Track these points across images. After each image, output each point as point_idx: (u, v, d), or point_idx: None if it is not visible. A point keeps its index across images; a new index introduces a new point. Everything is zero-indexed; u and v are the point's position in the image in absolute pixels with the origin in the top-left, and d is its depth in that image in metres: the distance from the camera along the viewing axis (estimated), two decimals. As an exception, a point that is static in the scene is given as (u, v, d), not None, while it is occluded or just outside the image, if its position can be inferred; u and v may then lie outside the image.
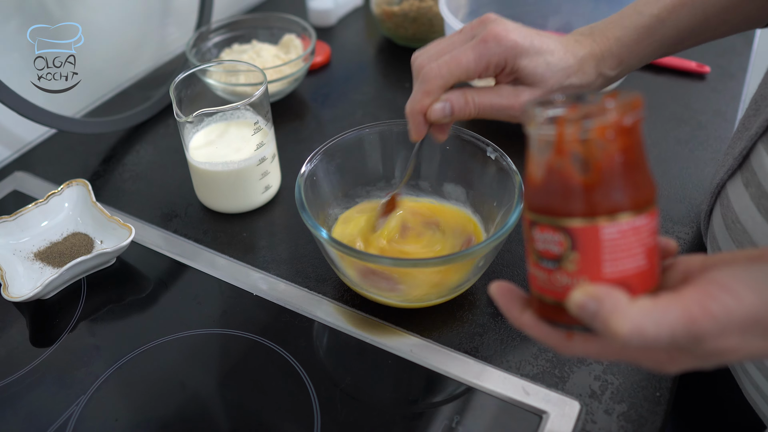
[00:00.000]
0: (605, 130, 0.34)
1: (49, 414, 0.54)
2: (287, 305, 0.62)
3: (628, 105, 0.34)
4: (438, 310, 0.61)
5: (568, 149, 0.35)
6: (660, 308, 0.33)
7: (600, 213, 0.35)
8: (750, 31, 1.03)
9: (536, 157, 0.37)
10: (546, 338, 0.38)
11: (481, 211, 0.65)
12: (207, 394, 0.56)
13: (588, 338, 0.37)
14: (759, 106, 0.52)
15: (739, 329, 0.33)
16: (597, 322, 0.34)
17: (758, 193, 0.50)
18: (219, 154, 0.69)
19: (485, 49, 0.52)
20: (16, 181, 0.77)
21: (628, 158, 0.35)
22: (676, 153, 0.80)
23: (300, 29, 0.92)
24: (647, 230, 0.35)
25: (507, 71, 0.54)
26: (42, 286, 0.59)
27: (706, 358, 0.35)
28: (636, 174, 0.35)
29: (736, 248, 0.53)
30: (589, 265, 0.35)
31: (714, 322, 0.32)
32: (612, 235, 0.35)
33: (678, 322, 0.32)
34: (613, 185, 0.35)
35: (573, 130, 0.34)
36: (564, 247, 0.36)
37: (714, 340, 0.33)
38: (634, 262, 0.35)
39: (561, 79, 0.54)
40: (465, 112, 0.54)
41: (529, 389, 0.55)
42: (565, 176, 0.35)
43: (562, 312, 0.37)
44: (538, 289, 0.38)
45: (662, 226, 0.70)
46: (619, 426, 0.53)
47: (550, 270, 0.37)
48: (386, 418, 0.54)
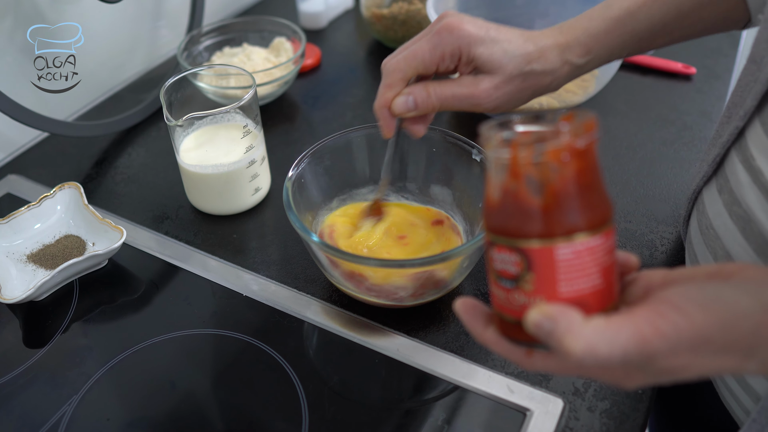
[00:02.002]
0: (559, 153, 0.34)
1: (41, 414, 0.55)
2: (277, 306, 0.63)
3: (582, 127, 0.34)
4: (425, 310, 0.62)
5: (522, 172, 0.35)
6: (612, 328, 0.33)
7: (554, 234, 0.35)
8: (736, 32, 1.04)
9: (493, 178, 0.37)
10: (508, 354, 0.39)
11: (467, 213, 0.66)
12: (198, 394, 0.57)
13: (547, 355, 0.38)
14: (731, 113, 0.52)
15: (689, 348, 0.33)
16: (552, 341, 0.34)
17: (730, 200, 0.51)
18: (209, 157, 0.69)
19: (439, 40, 0.54)
20: (8, 184, 0.78)
21: (582, 180, 0.35)
22: (661, 153, 0.81)
23: (290, 32, 0.93)
24: (603, 249, 0.36)
25: (464, 61, 0.55)
26: (35, 288, 0.60)
27: (659, 375, 0.35)
28: (591, 195, 0.35)
29: (710, 253, 0.54)
30: (544, 285, 0.36)
31: (664, 341, 0.33)
32: (567, 255, 0.35)
33: (629, 342, 0.33)
34: (567, 207, 0.35)
35: (526, 153, 0.34)
36: (520, 267, 0.36)
37: (665, 358, 0.33)
38: (589, 282, 0.36)
39: (520, 64, 0.55)
40: (428, 103, 0.55)
41: (513, 387, 0.56)
42: (520, 198, 0.35)
43: (522, 330, 0.37)
44: (499, 308, 0.38)
45: (647, 225, 0.71)
46: (602, 423, 0.54)
47: (508, 289, 0.37)
48: (373, 416, 0.55)
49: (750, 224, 0.48)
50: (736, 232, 0.49)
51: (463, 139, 0.64)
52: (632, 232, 0.71)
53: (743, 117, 0.50)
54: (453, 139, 0.64)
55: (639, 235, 0.70)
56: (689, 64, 0.95)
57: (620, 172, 0.79)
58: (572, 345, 0.33)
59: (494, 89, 0.55)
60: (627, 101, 0.90)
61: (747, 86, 0.51)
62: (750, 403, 0.52)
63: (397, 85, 0.55)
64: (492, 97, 0.55)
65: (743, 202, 0.49)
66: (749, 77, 0.51)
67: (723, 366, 0.34)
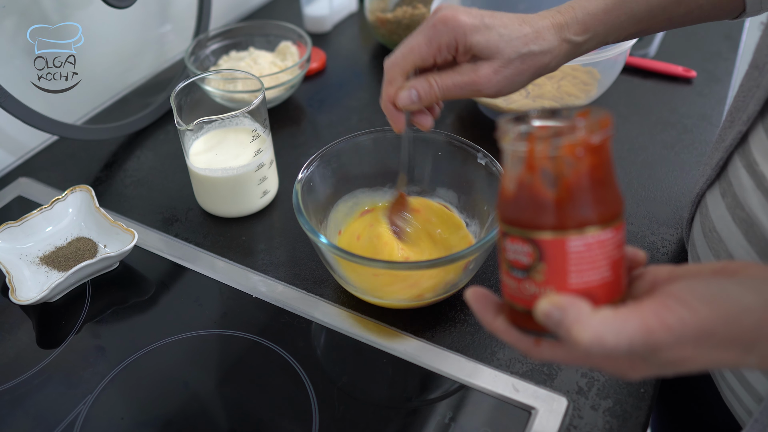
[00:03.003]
0: (574, 148, 0.35)
1: (57, 413, 0.56)
2: (286, 306, 0.64)
3: (597, 124, 0.36)
4: (431, 311, 0.63)
5: (538, 165, 0.36)
6: (620, 319, 0.34)
7: (567, 227, 0.36)
8: (736, 35, 1.05)
9: (509, 171, 0.38)
10: (516, 343, 0.40)
11: (473, 214, 0.67)
12: (209, 393, 0.58)
13: (555, 345, 0.39)
14: (734, 117, 0.53)
15: (694, 341, 0.34)
16: (561, 330, 0.35)
17: (734, 204, 0.52)
18: (218, 161, 0.71)
19: (434, 32, 0.55)
20: (19, 186, 0.79)
21: (596, 175, 0.36)
22: (662, 156, 0.83)
23: (296, 36, 0.94)
24: (612, 243, 0.37)
25: (462, 50, 0.56)
26: (49, 290, 0.61)
27: (663, 366, 0.36)
28: (603, 190, 0.37)
29: (713, 256, 0.55)
30: (555, 275, 0.37)
31: (669, 333, 0.34)
32: (578, 248, 0.36)
33: (636, 333, 0.34)
34: (580, 201, 0.36)
35: (543, 147, 0.36)
36: (533, 257, 0.37)
37: (670, 350, 0.35)
38: (598, 274, 0.37)
39: (518, 47, 0.55)
40: (431, 94, 0.56)
41: (518, 386, 0.57)
42: (535, 191, 0.37)
43: (531, 319, 0.38)
44: (509, 297, 0.40)
45: (648, 227, 0.73)
46: (605, 421, 0.55)
47: (519, 279, 0.38)
48: (382, 414, 0.56)
49: (753, 227, 0.49)
50: (739, 234, 0.51)
51: (468, 143, 0.65)
52: (634, 233, 0.72)
53: (746, 122, 0.51)
54: (458, 142, 0.66)
55: (640, 236, 0.72)
56: (690, 67, 0.97)
57: (622, 174, 0.80)
58: (580, 334, 0.34)
59: (494, 74, 0.56)
60: (628, 104, 0.92)
61: (749, 91, 0.51)
62: (752, 403, 0.54)
63: (397, 80, 0.57)
64: (492, 81, 0.56)
65: (746, 205, 0.50)
66: (752, 82, 0.52)
67: (724, 359, 0.36)
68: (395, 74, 0.57)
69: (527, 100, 0.82)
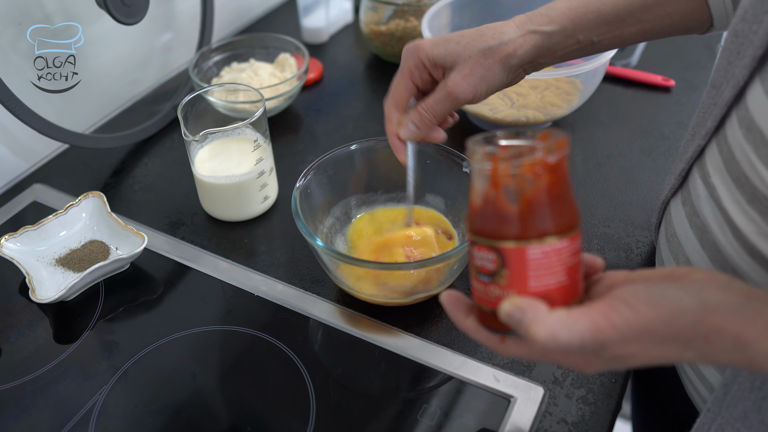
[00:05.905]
0: (533, 167, 0.40)
1: (75, 402, 0.61)
2: (285, 304, 0.69)
3: (555, 145, 0.40)
4: (420, 308, 0.68)
5: (501, 182, 0.41)
6: (572, 318, 0.39)
7: (527, 237, 0.40)
8: (714, 45, 1.10)
9: (476, 186, 0.43)
10: (484, 341, 0.45)
11: (458, 219, 0.72)
12: (215, 384, 0.63)
13: (518, 342, 0.44)
14: (695, 132, 0.57)
15: (637, 338, 0.39)
16: (521, 328, 0.40)
17: (691, 212, 0.56)
18: (222, 168, 0.76)
19: (404, 62, 0.62)
20: (34, 192, 0.84)
21: (553, 191, 0.41)
22: (640, 162, 0.87)
23: (294, 48, 0.99)
24: (569, 251, 0.41)
25: (430, 66, 0.61)
26: (66, 289, 0.66)
27: (613, 361, 0.41)
28: (560, 204, 0.41)
29: (674, 260, 0.59)
30: (517, 280, 0.41)
31: (615, 331, 0.38)
32: (537, 255, 0.41)
33: (586, 331, 0.38)
34: (539, 214, 0.40)
35: (505, 165, 0.40)
36: (497, 264, 0.42)
37: (616, 346, 0.39)
38: (555, 278, 0.41)
39: (476, 46, 0.59)
40: (424, 120, 0.62)
41: (499, 377, 0.62)
42: (499, 205, 0.41)
43: (497, 319, 0.42)
44: (477, 299, 0.44)
45: (624, 229, 0.77)
46: (578, 408, 0.60)
47: (485, 283, 0.43)
48: (373, 403, 0.61)
49: (706, 234, 0.53)
50: (695, 240, 0.55)
51: (455, 153, 0.70)
52: (610, 236, 0.77)
53: (704, 136, 0.55)
54: (445, 152, 0.71)
55: (617, 238, 0.76)
56: (669, 76, 1.01)
57: (601, 179, 0.85)
58: (537, 332, 0.39)
59: (462, 79, 0.59)
60: (609, 112, 0.96)
61: (708, 108, 0.55)
62: (706, 393, 0.58)
63: (393, 115, 0.63)
64: (463, 86, 0.59)
65: (701, 213, 0.54)
66: (710, 100, 0.55)
67: (666, 355, 0.40)
68: (389, 111, 0.63)
69: (512, 110, 0.87)
